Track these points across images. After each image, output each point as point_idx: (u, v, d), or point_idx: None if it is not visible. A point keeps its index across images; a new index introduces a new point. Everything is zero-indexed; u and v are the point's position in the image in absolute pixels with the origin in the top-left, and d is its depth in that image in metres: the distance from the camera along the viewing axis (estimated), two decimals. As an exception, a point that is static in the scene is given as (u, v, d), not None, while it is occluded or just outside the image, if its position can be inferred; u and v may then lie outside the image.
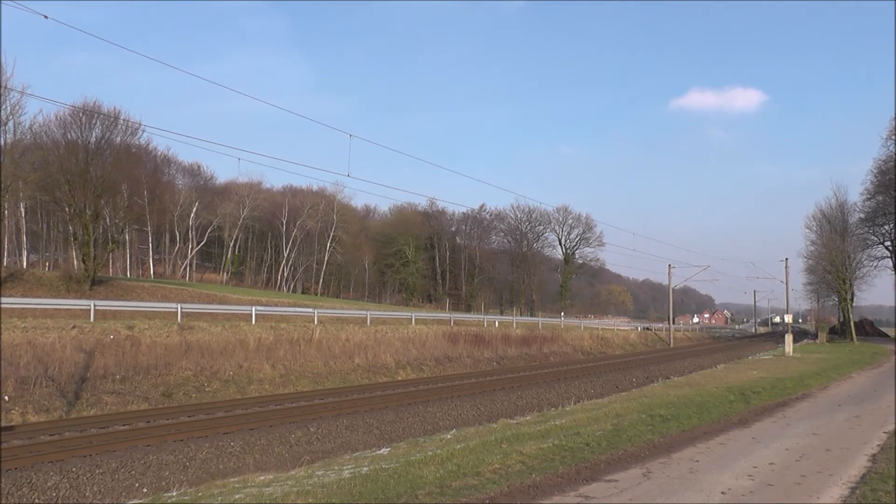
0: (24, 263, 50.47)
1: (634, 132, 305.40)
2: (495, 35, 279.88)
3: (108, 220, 39.80)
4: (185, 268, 68.00)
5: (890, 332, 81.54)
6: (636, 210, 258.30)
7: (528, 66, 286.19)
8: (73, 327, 21.32)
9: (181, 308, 27.55)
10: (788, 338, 38.81)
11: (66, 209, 37.04)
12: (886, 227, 60.71)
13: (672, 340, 62.78)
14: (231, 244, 71.65)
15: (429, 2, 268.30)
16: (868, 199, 61.46)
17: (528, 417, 15.40)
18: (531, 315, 78.75)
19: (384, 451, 11.78)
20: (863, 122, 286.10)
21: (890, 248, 61.29)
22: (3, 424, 14.81)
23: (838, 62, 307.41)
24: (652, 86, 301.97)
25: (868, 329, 78.48)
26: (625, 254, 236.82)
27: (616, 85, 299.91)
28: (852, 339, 56.86)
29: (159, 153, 64.92)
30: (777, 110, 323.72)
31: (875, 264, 62.24)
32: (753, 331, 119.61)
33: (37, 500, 10.55)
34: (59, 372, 18.29)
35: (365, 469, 9.37)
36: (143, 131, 42.00)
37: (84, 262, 36.33)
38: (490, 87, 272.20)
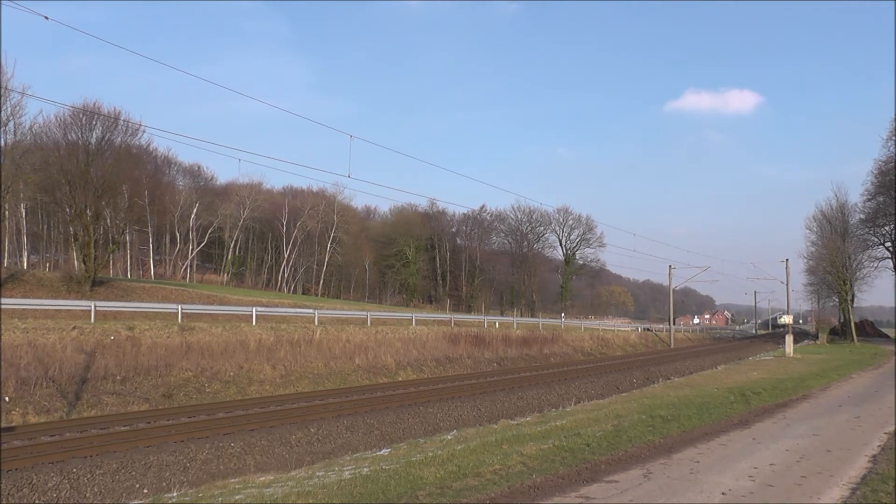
0: (25, 264, 50.48)
1: (631, 134, 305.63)
2: (492, 36, 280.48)
3: (108, 221, 39.76)
4: (186, 269, 67.97)
5: (890, 332, 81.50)
6: (636, 211, 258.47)
7: (524, 67, 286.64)
8: (74, 328, 21.33)
9: (181, 309, 27.57)
10: (789, 339, 38.82)
11: (67, 210, 37.06)
12: (887, 227, 60.73)
13: (672, 341, 62.76)
14: (231, 245, 71.64)
15: (427, 3, 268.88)
16: (868, 200, 61.56)
17: (529, 418, 15.40)
18: (532, 316, 78.74)
19: (385, 451, 11.78)
20: (863, 123, 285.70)
21: (890, 248, 61.29)
22: (4, 425, 14.82)
23: (837, 63, 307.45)
24: (647, 88, 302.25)
25: (868, 330, 78.53)
26: (625, 255, 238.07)
27: (611, 87, 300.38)
28: (853, 339, 56.86)
29: (160, 154, 65.06)
30: (773, 112, 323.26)
31: (875, 265, 62.40)
32: (754, 331, 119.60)
33: (37, 501, 10.56)
34: (60, 373, 18.29)
35: (365, 470, 9.38)
36: (144, 132, 41.98)
37: (84, 263, 36.33)
38: (487, 88, 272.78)
